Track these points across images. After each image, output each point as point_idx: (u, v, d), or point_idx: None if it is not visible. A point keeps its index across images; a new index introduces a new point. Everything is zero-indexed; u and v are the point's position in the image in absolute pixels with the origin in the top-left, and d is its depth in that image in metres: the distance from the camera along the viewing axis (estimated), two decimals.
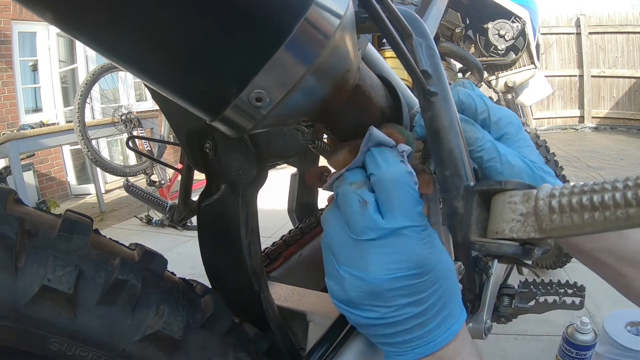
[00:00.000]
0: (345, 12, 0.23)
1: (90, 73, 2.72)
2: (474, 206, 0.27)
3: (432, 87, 0.30)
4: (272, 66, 0.21)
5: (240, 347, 0.39)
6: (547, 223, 0.24)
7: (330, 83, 0.25)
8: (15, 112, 3.90)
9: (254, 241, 0.45)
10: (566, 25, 5.61)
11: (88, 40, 0.22)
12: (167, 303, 0.35)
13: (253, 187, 0.43)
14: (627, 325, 1.11)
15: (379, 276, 0.28)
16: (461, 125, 0.37)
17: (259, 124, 0.24)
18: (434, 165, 0.39)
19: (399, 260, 0.28)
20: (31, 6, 0.20)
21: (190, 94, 0.24)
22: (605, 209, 0.21)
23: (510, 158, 0.38)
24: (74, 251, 0.32)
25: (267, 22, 0.20)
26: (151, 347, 0.33)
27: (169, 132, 3.01)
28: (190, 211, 0.82)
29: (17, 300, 0.29)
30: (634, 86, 5.38)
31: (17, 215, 0.31)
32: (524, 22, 1.48)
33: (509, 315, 0.78)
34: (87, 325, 0.31)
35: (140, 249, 0.38)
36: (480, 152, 0.37)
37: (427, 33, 0.32)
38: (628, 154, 4.24)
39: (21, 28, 3.95)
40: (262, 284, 0.45)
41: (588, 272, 0.48)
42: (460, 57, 1.37)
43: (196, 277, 0.45)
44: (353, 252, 0.30)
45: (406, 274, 0.28)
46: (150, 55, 0.22)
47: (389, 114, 0.38)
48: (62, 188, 4.40)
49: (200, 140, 0.44)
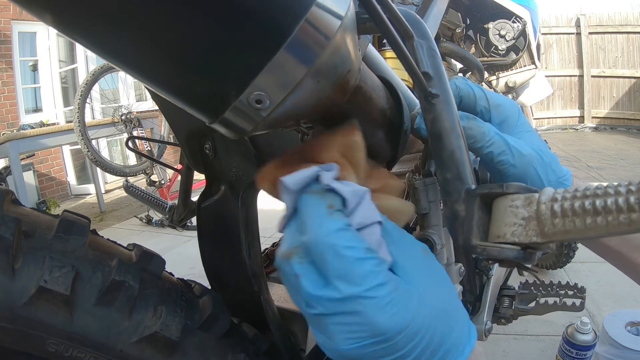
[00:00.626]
0: (346, 13, 0.23)
1: (90, 73, 2.72)
2: (476, 209, 0.27)
3: (433, 89, 0.30)
4: (272, 68, 0.21)
5: (239, 348, 0.39)
6: (549, 227, 0.23)
7: (331, 84, 0.25)
8: (15, 112, 3.90)
9: (254, 242, 0.44)
10: (566, 25, 5.61)
11: (88, 43, 0.21)
12: (165, 304, 0.35)
13: (253, 188, 0.43)
14: (627, 325, 1.11)
15: (344, 347, 0.25)
16: (464, 121, 0.36)
17: (259, 126, 0.23)
18: (435, 167, 0.39)
19: (357, 330, 0.24)
20: (30, 8, 0.20)
21: (189, 96, 0.23)
22: (608, 213, 0.21)
23: (520, 148, 0.38)
24: (71, 252, 0.32)
25: (267, 23, 0.20)
26: (149, 349, 0.33)
27: (169, 132, 3.01)
28: (190, 212, 0.82)
29: (14, 301, 0.29)
30: (634, 86, 5.39)
31: (14, 216, 0.30)
32: (525, 22, 1.48)
33: (509, 316, 0.78)
34: (84, 327, 0.31)
35: (138, 249, 0.38)
36: (489, 146, 0.37)
37: (428, 34, 0.32)
38: (628, 154, 4.24)
39: (21, 28, 3.95)
40: (262, 284, 0.45)
41: (588, 272, 0.47)
42: (460, 58, 1.37)
43: (196, 278, 0.44)
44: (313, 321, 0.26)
45: (370, 341, 0.24)
46: (149, 57, 0.21)
47: (390, 115, 0.37)
48: (62, 188, 4.40)
49: (200, 141, 0.44)
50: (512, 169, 0.37)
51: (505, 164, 0.37)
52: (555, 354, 1.26)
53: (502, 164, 0.37)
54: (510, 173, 0.38)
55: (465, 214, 0.28)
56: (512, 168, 0.37)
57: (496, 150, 0.37)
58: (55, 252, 0.31)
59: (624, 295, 1.56)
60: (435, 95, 0.30)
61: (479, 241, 0.27)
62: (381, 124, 0.37)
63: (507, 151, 0.37)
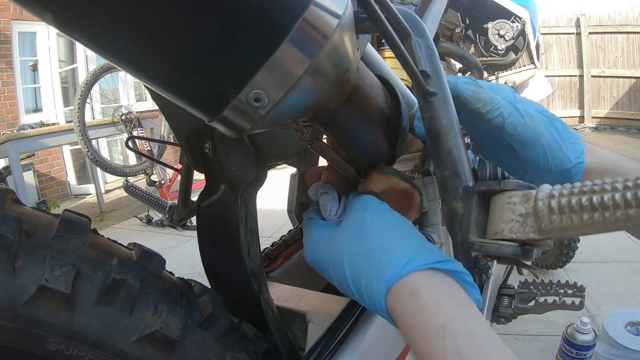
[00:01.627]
0: (344, 12, 0.23)
1: (90, 73, 2.72)
2: (473, 207, 0.27)
3: (431, 88, 0.30)
4: (271, 66, 0.21)
5: (238, 347, 0.39)
6: (546, 224, 0.24)
7: (329, 83, 0.25)
8: (15, 112, 3.90)
9: (254, 241, 0.44)
10: (566, 25, 5.60)
11: (88, 42, 0.22)
12: (165, 303, 0.35)
13: (252, 187, 0.43)
14: (627, 325, 1.11)
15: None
16: (471, 87, 0.36)
17: (257, 124, 0.24)
18: (433, 165, 0.39)
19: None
20: (30, 7, 0.20)
21: (188, 94, 0.24)
22: (605, 209, 0.21)
23: (527, 108, 0.38)
24: (72, 251, 0.32)
25: (265, 22, 0.20)
26: (149, 347, 0.33)
27: (169, 132, 3.01)
28: (189, 211, 0.82)
29: (14, 300, 0.29)
30: (634, 86, 5.38)
31: (15, 215, 0.30)
32: (524, 22, 1.48)
33: (508, 315, 0.78)
34: (85, 325, 0.31)
35: (138, 248, 0.38)
36: (499, 109, 0.37)
37: (426, 33, 0.32)
38: (628, 153, 4.22)
39: (21, 28, 3.95)
40: (262, 284, 0.45)
41: (588, 272, 0.48)
42: (460, 57, 1.37)
43: (196, 277, 0.44)
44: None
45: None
46: (148, 55, 0.22)
47: (388, 114, 0.38)
48: (62, 188, 4.40)
49: (200, 141, 0.44)
50: (525, 129, 0.37)
51: (516, 125, 0.37)
52: (555, 354, 1.26)
53: (513, 126, 0.37)
54: (524, 134, 0.37)
55: (463, 211, 0.28)
56: (525, 127, 0.37)
57: (505, 112, 0.37)
58: (56, 251, 0.31)
59: (624, 295, 1.56)
60: (433, 93, 0.30)
61: (477, 238, 0.27)
62: (380, 123, 0.37)
63: (515, 113, 0.37)
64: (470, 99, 0.36)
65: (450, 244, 0.54)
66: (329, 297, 0.56)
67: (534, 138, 0.37)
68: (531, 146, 0.38)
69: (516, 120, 0.37)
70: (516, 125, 0.37)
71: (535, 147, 0.38)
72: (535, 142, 0.38)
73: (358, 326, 0.49)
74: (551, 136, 0.38)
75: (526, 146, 0.38)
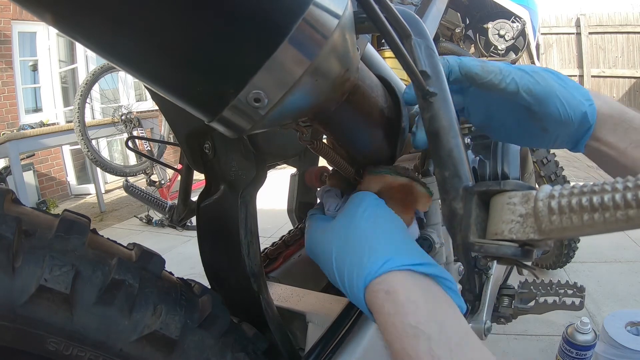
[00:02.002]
0: (343, 12, 0.23)
1: (90, 73, 2.72)
2: (473, 207, 0.27)
3: (431, 88, 0.30)
4: (270, 66, 0.21)
5: (238, 347, 0.39)
6: (546, 224, 0.23)
7: (329, 83, 0.25)
8: (15, 112, 3.90)
9: (253, 241, 0.44)
10: (566, 25, 5.60)
11: (88, 42, 0.22)
12: (165, 303, 0.35)
13: (252, 187, 0.43)
14: (627, 325, 1.10)
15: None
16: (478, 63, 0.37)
17: (257, 124, 0.24)
18: (433, 165, 0.39)
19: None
20: (30, 7, 0.20)
21: (188, 94, 0.24)
22: (605, 210, 0.21)
23: (533, 68, 0.39)
24: (71, 251, 0.32)
25: (265, 22, 0.20)
26: (148, 347, 0.33)
27: (169, 132, 3.01)
28: (189, 211, 0.82)
29: (14, 300, 0.29)
30: (634, 86, 5.38)
31: (14, 215, 0.30)
32: (524, 22, 1.48)
33: (508, 315, 0.78)
34: (84, 325, 0.31)
35: (138, 248, 0.38)
36: (509, 75, 0.37)
37: (426, 33, 0.32)
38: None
39: (21, 28, 3.95)
40: (262, 284, 0.45)
41: (588, 272, 0.47)
42: None
43: (196, 277, 0.44)
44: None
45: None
46: (148, 55, 0.22)
47: (388, 114, 0.38)
48: (62, 188, 4.39)
49: (200, 141, 0.44)
50: (538, 87, 0.38)
51: (530, 85, 0.38)
52: (555, 354, 1.26)
53: (527, 87, 0.38)
54: (538, 92, 0.38)
55: (463, 211, 0.28)
56: (538, 86, 0.38)
57: (517, 76, 0.38)
58: (55, 251, 0.31)
59: (624, 295, 1.56)
60: (433, 93, 0.30)
61: (477, 238, 0.27)
62: (379, 123, 0.37)
63: (525, 75, 0.38)
64: (481, 72, 0.37)
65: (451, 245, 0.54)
66: (328, 298, 0.56)
67: (548, 93, 0.38)
68: (547, 102, 0.38)
69: (528, 81, 0.38)
70: (530, 85, 0.38)
71: (551, 100, 0.38)
72: (550, 96, 0.38)
73: (358, 326, 0.49)
74: (561, 87, 0.39)
75: (543, 103, 0.39)
